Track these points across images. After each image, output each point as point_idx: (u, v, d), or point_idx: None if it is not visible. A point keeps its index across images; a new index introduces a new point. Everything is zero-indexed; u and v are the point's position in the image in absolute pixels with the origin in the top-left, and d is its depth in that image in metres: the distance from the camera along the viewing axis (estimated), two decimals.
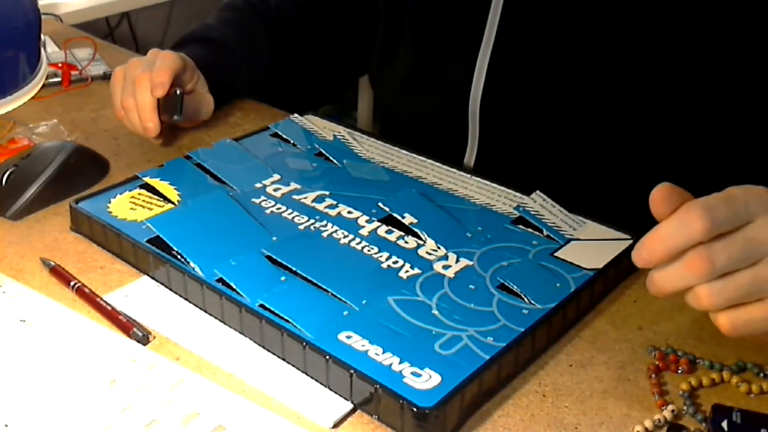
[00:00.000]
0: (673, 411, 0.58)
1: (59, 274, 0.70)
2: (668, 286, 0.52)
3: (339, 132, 0.91)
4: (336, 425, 0.57)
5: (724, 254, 0.50)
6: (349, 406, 0.58)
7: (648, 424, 0.57)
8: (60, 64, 1.08)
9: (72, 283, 0.68)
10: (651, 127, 0.80)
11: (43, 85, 0.68)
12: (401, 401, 0.55)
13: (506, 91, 0.86)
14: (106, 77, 1.09)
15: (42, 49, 0.68)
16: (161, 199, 0.77)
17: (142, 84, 0.84)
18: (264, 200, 0.78)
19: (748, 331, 0.52)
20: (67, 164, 0.82)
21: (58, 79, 1.07)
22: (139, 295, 0.68)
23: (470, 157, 0.91)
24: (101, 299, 0.67)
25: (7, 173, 0.81)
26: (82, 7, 1.73)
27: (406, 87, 0.96)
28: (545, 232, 0.74)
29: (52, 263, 0.71)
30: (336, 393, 0.59)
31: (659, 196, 0.52)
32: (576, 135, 0.84)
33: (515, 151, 0.87)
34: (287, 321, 0.62)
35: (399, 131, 1.00)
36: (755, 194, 0.52)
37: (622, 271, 0.71)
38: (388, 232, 0.73)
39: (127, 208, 0.75)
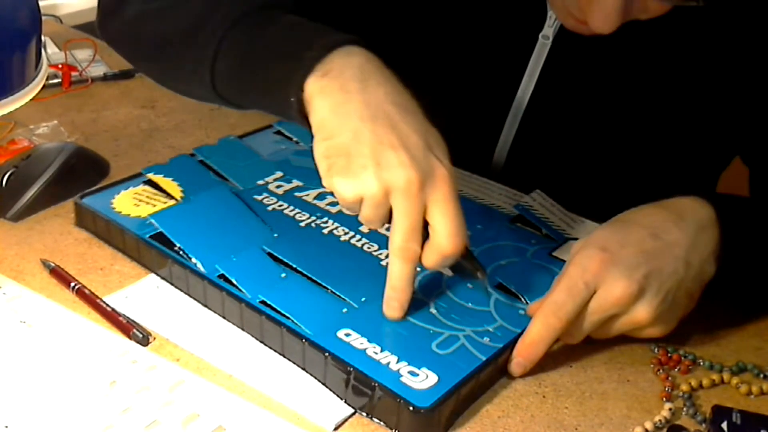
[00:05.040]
0: (670, 409, 0.58)
1: (59, 275, 0.70)
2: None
3: None
4: (336, 427, 0.57)
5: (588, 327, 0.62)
6: (350, 409, 0.58)
7: (648, 425, 0.57)
8: (60, 65, 1.07)
9: (72, 285, 0.68)
10: (657, 176, 0.84)
11: (44, 87, 0.68)
12: (399, 400, 0.55)
13: (531, 155, 0.84)
14: (107, 78, 1.09)
15: (42, 50, 0.68)
16: (164, 195, 0.77)
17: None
18: (266, 197, 0.78)
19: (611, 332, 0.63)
20: (68, 165, 0.82)
21: (59, 80, 1.07)
22: (140, 296, 0.68)
23: None
24: (101, 300, 0.67)
25: (8, 174, 0.81)
26: (82, 8, 1.72)
27: None
28: (544, 231, 0.75)
29: (52, 264, 0.71)
30: (333, 390, 0.59)
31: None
32: (593, 181, 0.84)
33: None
34: (287, 318, 0.62)
35: None
36: (590, 269, 0.61)
37: None
38: (388, 229, 0.73)
39: (131, 204, 0.76)
